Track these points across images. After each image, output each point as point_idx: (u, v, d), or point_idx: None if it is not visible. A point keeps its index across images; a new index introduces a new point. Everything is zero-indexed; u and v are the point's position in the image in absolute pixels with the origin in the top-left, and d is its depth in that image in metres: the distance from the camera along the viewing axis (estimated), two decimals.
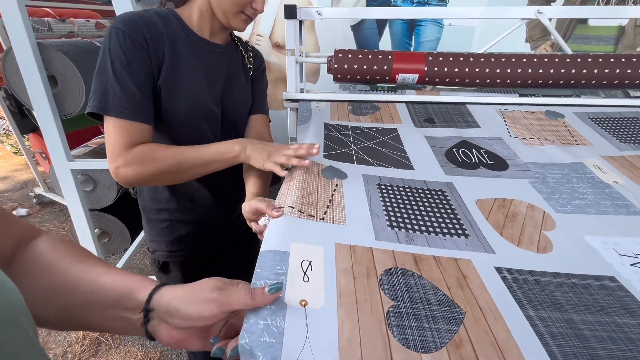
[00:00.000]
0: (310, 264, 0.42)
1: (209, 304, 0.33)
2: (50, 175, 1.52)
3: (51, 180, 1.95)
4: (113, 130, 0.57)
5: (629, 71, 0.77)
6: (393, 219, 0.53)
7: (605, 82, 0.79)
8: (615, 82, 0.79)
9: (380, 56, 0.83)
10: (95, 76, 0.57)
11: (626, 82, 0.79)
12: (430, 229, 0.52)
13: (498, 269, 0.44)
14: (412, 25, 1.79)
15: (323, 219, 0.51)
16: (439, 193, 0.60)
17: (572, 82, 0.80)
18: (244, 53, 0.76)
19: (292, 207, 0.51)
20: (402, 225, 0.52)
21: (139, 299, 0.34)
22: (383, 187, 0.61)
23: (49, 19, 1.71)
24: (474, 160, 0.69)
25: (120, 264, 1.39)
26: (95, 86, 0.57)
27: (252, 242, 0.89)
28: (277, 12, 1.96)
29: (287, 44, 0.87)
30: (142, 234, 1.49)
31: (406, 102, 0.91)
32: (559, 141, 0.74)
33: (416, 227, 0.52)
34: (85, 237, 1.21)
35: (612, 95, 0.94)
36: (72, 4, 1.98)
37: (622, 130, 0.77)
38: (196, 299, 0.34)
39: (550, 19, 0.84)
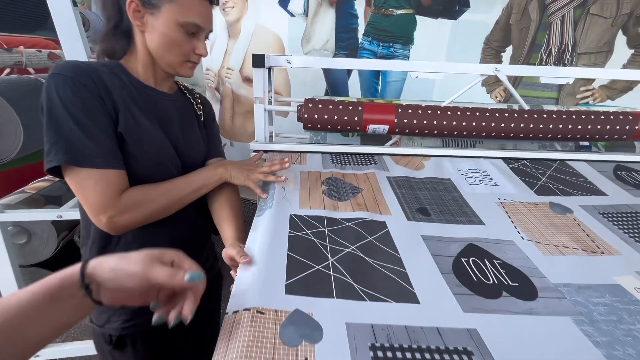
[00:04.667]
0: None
1: (132, 278, 0.37)
2: None
3: None
4: (92, 181, 0.53)
5: (581, 126, 0.83)
6: None
7: (559, 135, 0.85)
8: (569, 135, 0.85)
9: (350, 107, 0.82)
10: (48, 129, 0.52)
11: (577, 136, 0.85)
12: None
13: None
14: None
15: None
16: (463, 356, 0.41)
17: (531, 135, 0.84)
18: (192, 100, 0.75)
19: None
20: None
21: (74, 281, 0.35)
22: (380, 353, 0.41)
23: None
24: (492, 280, 0.54)
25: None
26: (52, 139, 0.52)
27: (215, 281, 0.87)
28: (248, 46, 1.97)
29: (255, 91, 0.84)
30: None
31: (383, 154, 0.91)
32: (580, 248, 0.61)
33: None
34: None
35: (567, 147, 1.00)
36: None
37: (637, 228, 0.68)
38: (122, 272, 0.37)
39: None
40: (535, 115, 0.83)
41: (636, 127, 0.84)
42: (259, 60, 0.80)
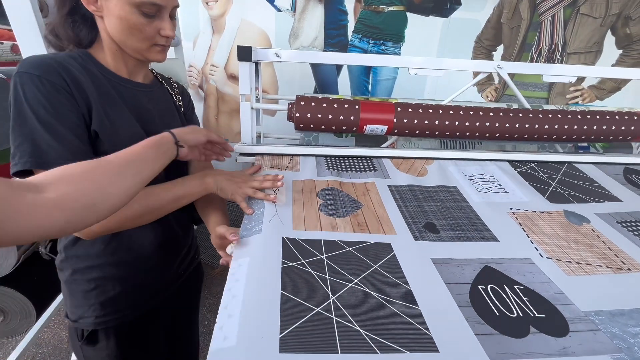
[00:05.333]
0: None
1: (199, 134, 0.61)
2: None
3: None
4: None
5: (586, 127, 0.79)
6: None
7: (564, 136, 0.81)
8: (574, 136, 0.81)
9: (346, 105, 0.75)
10: (14, 130, 0.50)
11: (582, 137, 0.81)
12: None
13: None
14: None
15: None
16: None
17: (535, 135, 0.80)
18: (170, 91, 0.71)
19: None
20: None
21: (169, 143, 0.56)
22: None
23: None
24: (515, 312, 0.47)
25: (20, 347, 1.07)
26: (17, 141, 0.49)
27: (194, 281, 0.86)
28: (233, 42, 1.89)
29: (240, 88, 0.76)
30: (52, 307, 1.17)
31: (381, 157, 0.84)
32: (605, 265, 0.56)
33: None
34: None
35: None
36: None
37: None
38: (193, 132, 0.61)
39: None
40: (540, 115, 0.79)
41: None
42: (245, 53, 0.72)
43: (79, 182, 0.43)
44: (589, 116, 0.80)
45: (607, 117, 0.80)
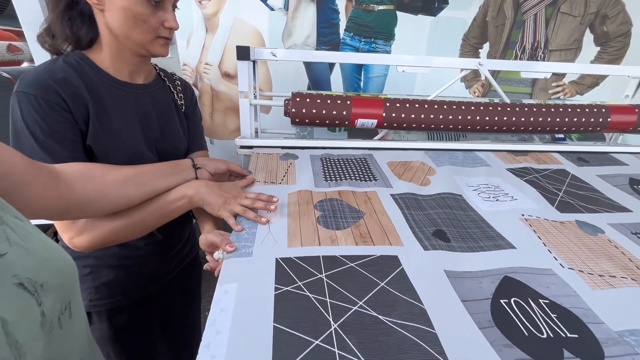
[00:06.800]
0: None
1: (220, 166, 0.68)
2: None
3: None
4: None
5: (559, 119, 0.86)
6: None
7: (539, 128, 0.87)
8: (547, 128, 0.88)
9: (339, 101, 0.81)
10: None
11: (555, 128, 0.88)
12: None
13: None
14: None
15: None
16: None
17: (513, 127, 0.87)
18: (172, 89, 0.69)
19: None
20: None
21: (187, 164, 0.64)
22: None
23: None
24: (545, 332, 0.41)
25: None
26: None
27: (190, 275, 0.86)
28: (227, 41, 1.91)
29: (240, 85, 0.81)
30: None
31: (373, 149, 0.90)
32: (630, 277, 0.52)
33: None
34: None
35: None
36: None
37: None
38: (212, 161, 0.68)
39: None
40: (517, 109, 0.86)
41: (608, 120, 0.88)
42: (243, 53, 0.77)
43: (89, 179, 0.50)
44: (561, 109, 0.87)
45: (578, 109, 0.87)
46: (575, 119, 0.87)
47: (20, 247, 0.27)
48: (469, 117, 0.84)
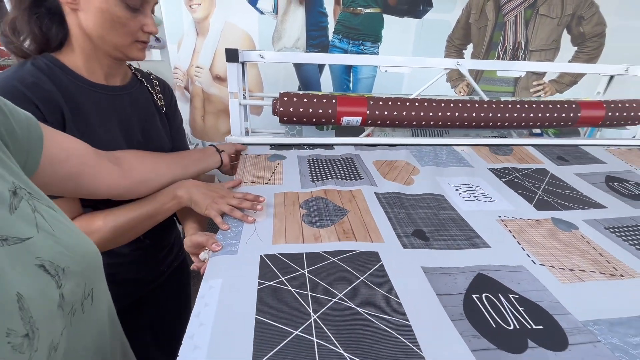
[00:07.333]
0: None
1: (230, 146, 0.83)
2: None
3: None
4: None
5: (533, 115, 0.91)
6: None
7: (515, 123, 0.93)
8: (522, 123, 0.93)
9: (324, 100, 0.85)
10: None
11: (530, 123, 0.94)
12: None
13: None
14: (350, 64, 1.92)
15: None
16: None
17: (490, 123, 0.92)
18: (151, 90, 0.68)
19: None
20: None
21: (212, 150, 0.76)
22: None
23: None
24: (512, 324, 0.44)
25: None
26: None
27: (179, 277, 0.85)
28: (218, 44, 1.94)
29: (229, 86, 0.84)
30: None
31: (359, 145, 0.94)
32: (598, 271, 0.55)
33: None
34: None
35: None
36: None
37: None
38: (226, 144, 0.82)
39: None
40: (494, 105, 0.91)
41: (579, 115, 0.94)
42: (232, 55, 0.81)
43: (145, 161, 0.59)
44: (535, 105, 0.92)
45: (550, 105, 0.93)
46: (548, 114, 0.92)
47: (47, 234, 0.28)
48: (448, 114, 0.89)
